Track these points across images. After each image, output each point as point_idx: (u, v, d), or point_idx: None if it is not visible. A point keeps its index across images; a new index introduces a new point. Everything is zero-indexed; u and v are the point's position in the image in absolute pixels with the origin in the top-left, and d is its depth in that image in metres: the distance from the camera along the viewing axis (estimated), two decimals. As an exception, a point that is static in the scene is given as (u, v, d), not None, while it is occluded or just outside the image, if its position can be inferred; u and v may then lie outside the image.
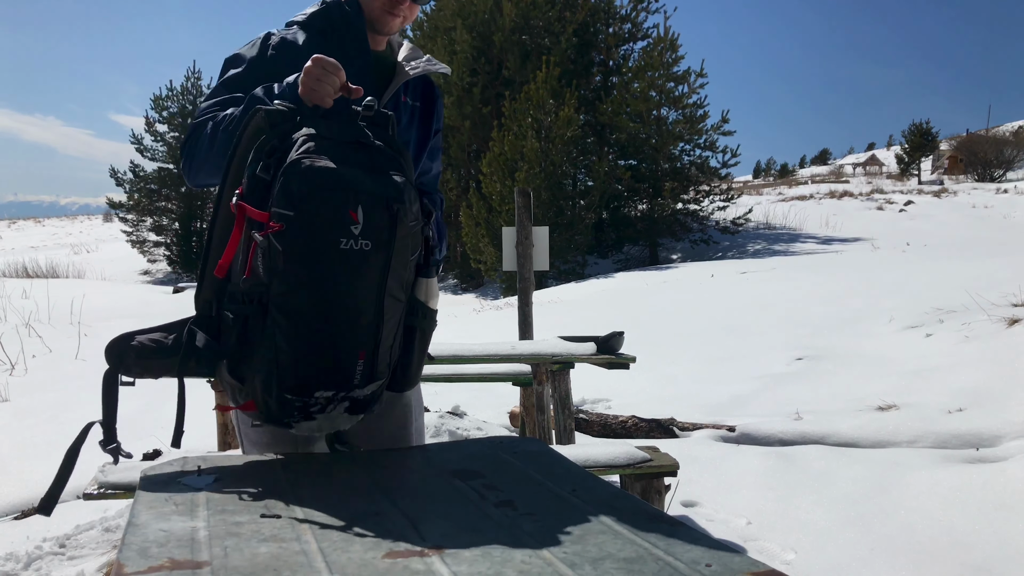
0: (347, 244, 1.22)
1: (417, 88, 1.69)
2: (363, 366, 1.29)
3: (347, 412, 1.33)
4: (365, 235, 1.23)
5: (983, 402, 4.14)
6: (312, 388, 1.27)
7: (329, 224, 1.21)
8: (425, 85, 1.72)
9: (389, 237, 1.25)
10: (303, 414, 1.29)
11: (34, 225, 51.36)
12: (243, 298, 1.29)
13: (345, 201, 1.22)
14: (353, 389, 1.30)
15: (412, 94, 1.68)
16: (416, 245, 1.35)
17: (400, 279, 1.31)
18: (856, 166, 67.41)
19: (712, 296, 10.35)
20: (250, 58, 1.56)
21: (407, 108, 1.66)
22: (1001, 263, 9.17)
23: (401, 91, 1.64)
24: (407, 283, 1.36)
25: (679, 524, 1.02)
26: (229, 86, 1.55)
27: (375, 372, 1.31)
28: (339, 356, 1.27)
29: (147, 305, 11.77)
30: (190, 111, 28.90)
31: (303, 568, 0.86)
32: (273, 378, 1.26)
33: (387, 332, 1.32)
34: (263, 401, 1.29)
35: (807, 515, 3.00)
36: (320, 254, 1.22)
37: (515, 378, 3.93)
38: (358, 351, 1.28)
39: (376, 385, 1.34)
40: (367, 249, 1.24)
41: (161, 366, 1.34)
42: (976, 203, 25.35)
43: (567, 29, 21.90)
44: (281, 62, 1.52)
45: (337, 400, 1.30)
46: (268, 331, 1.27)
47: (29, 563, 2.75)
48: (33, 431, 4.59)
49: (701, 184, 22.70)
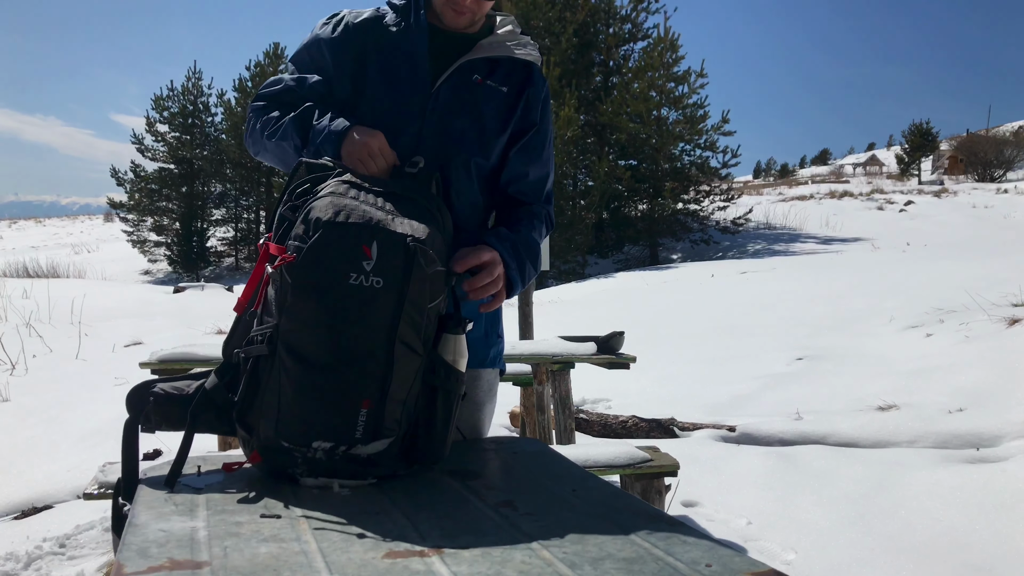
0: (357, 279, 1.17)
1: (510, 73, 1.56)
2: (366, 417, 1.19)
3: (348, 474, 1.22)
4: (377, 272, 1.18)
5: (983, 402, 4.14)
6: (310, 436, 1.18)
7: (340, 256, 1.17)
8: (520, 71, 1.58)
9: (403, 278, 1.19)
10: (306, 468, 1.20)
11: (35, 225, 51.34)
12: (254, 339, 1.25)
13: (359, 235, 1.18)
14: (355, 444, 1.19)
15: (498, 78, 1.55)
16: (437, 293, 1.26)
17: (416, 327, 1.22)
18: (856, 166, 67.39)
19: (712, 296, 10.34)
20: (318, 39, 1.56)
21: (486, 90, 1.53)
22: (1001, 263, 9.16)
23: (480, 71, 1.53)
24: (426, 335, 1.26)
25: (679, 524, 1.02)
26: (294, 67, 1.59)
27: (381, 427, 1.21)
28: (340, 401, 1.18)
29: (148, 305, 11.75)
30: (191, 111, 28.92)
31: (303, 568, 0.85)
32: (273, 423, 1.20)
33: (398, 384, 1.21)
34: (264, 449, 1.22)
35: (807, 515, 3.00)
36: (328, 287, 1.17)
37: (515, 378, 3.93)
38: (362, 398, 1.18)
39: (381, 444, 1.22)
40: (378, 287, 1.17)
41: (180, 416, 1.27)
42: (976, 203, 25.33)
43: (567, 29, 21.89)
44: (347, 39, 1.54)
45: (336, 454, 1.19)
46: (275, 373, 1.21)
47: (29, 563, 2.74)
48: (33, 431, 4.59)
49: (701, 184, 22.70)
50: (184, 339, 7.63)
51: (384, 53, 1.52)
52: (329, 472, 1.21)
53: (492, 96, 1.54)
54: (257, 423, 1.23)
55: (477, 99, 1.52)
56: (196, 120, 29.16)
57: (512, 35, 1.58)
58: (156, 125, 28.38)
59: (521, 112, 1.57)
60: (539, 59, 1.59)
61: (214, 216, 29.76)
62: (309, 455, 1.19)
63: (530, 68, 1.59)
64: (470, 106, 1.52)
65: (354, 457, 1.21)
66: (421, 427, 1.28)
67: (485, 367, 1.62)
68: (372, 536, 0.97)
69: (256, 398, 1.24)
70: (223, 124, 29.43)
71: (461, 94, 1.51)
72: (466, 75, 1.52)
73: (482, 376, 1.61)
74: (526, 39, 1.60)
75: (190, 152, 28.59)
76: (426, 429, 1.28)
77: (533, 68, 1.59)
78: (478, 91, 1.53)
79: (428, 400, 1.28)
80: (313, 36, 1.57)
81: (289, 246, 1.21)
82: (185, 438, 1.24)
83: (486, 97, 1.54)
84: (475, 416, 1.61)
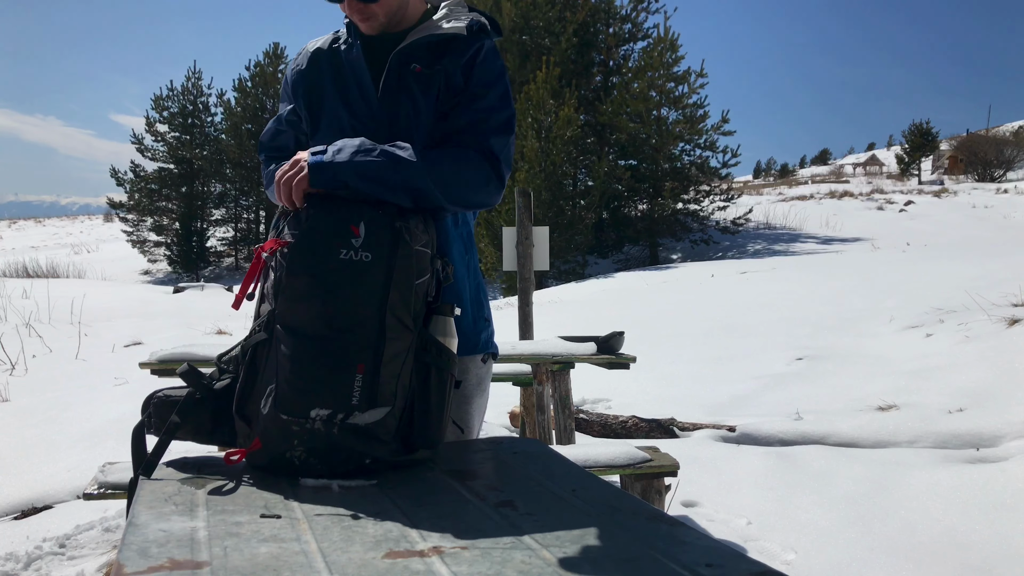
0: (347, 255, 1.26)
1: (447, 51, 1.51)
2: (362, 382, 1.24)
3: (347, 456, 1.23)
4: (366, 247, 1.27)
5: (983, 402, 4.14)
6: (309, 404, 1.22)
7: (330, 235, 1.27)
8: (455, 43, 1.51)
9: (391, 252, 1.28)
10: (305, 448, 1.22)
11: (34, 225, 51.35)
12: (253, 331, 1.33)
13: (347, 218, 1.29)
14: (352, 411, 1.23)
15: (436, 61, 1.50)
16: (423, 271, 1.33)
17: (405, 300, 1.29)
18: (856, 166, 67.41)
19: (712, 296, 10.34)
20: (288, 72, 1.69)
21: (420, 78, 1.50)
22: (1001, 263, 9.16)
23: (420, 60, 1.50)
24: (416, 312, 1.32)
25: (679, 524, 1.02)
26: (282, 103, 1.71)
27: (376, 395, 1.24)
28: (335, 365, 1.23)
29: (147, 305, 11.76)
30: (191, 111, 28.94)
31: (303, 568, 0.85)
32: (272, 399, 1.24)
33: (391, 354, 1.27)
34: (264, 430, 1.25)
35: (807, 515, 3.00)
36: (320, 262, 1.27)
37: (515, 378, 3.93)
38: (356, 363, 1.24)
39: (379, 413, 1.25)
40: (367, 260, 1.27)
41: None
42: (976, 203, 25.35)
43: (567, 29, 21.90)
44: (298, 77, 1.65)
45: (334, 423, 1.22)
46: (272, 354, 1.28)
47: (29, 563, 2.74)
48: (33, 431, 4.58)
49: (701, 184, 22.71)
50: (184, 339, 7.64)
51: (337, 73, 1.59)
52: (328, 448, 1.23)
53: (428, 81, 1.50)
54: (255, 409, 1.28)
55: (413, 90, 1.51)
56: (196, 120, 29.18)
57: (450, 13, 1.55)
58: (156, 125, 28.42)
59: (444, 85, 1.51)
60: (468, 25, 1.50)
61: (214, 216, 29.79)
62: (308, 426, 1.22)
63: (456, 38, 1.50)
64: (408, 99, 1.51)
65: (353, 428, 1.23)
66: (417, 408, 1.32)
67: (478, 352, 1.64)
68: (372, 536, 0.97)
69: (255, 385, 1.30)
70: (223, 124, 29.44)
71: (399, 92, 1.52)
72: (404, 69, 1.51)
73: (470, 369, 1.62)
74: (462, 11, 1.55)
75: (190, 152, 28.61)
76: (422, 410, 1.33)
77: (458, 36, 1.50)
78: (414, 81, 1.51)
79: (422, 379, 1.33)
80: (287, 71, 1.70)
81: (284, 234, 1.32)
82: (164, 434, 1.27)
83: (423, 85, 1.51)
84: (462, 408, 1.61)
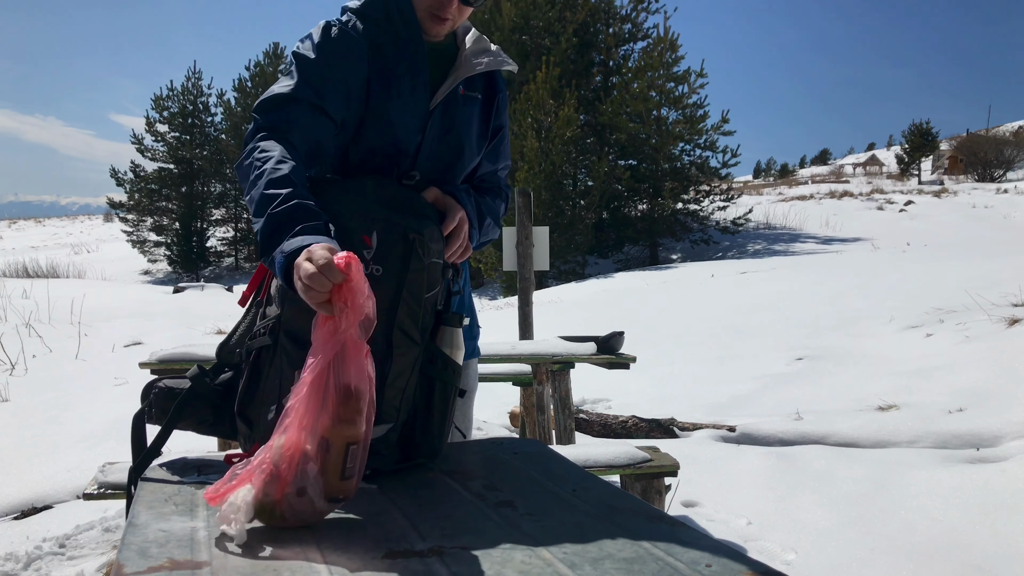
0: None
1: (478, 80, 1.60)
2: None
3: None
4: (377, 260, 1.22)
5: (983, 402, 4.14)
6: None
7: (341, 244, 1.15)
8: (487, 77, 1.63)
9: (402, 268, 1.23)
10: None
11: (34, 225, 51.35)
12: (257, 332, 1.28)
13: (359, 226, 1.23)
14: None
15: (471, 86, 1.58)
16: (434, 284, 1.30)
17: (413, 316, 1.26)
18: (856, 166, 67.41)
19: (712, 296, 10.34)
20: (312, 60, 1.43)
21: (467, 100, 1.57)
22: (1001, 263, 9.16)
23: (463, 83, 1.56)
24: (424, 326, 1.29)
25: (679, 524, 1.02)
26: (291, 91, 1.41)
27: (380, 412, 1.21)
28: None
29: (147, 305, 11.75)
30: (191, 111, 28.93)
31: (303, 568, 0.85)
32: (275, 407, 1.21)
33: (396, 371, 1.24)
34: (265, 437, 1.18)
35: (807, 515, 3.00)
36: None
37: (515, 378, 3.93)
38: None
39: (380, 430, 1.23)
40: (377, 275, 1.22)
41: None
42: (976, 203, 25.34)
43: (567, 29, 21.89)
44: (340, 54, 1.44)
45: None
46: (276, 361, 1.24)
47: (29, 563, 2.74)
48: (33, 431, 4.58)
49: (701, 184, 22.70)
50: (184, 339, 7.63)
51: (384, 64, 1.47)
52: None
53: (473, 105, 1.59)
54: (258, 414, 1.25)
55: (463, 111, 1.56)
56: (196, 120, 29.17)
57: (481, 41, 1.62)
58: (156, 125, 28.41)
59: (494, 117, 1.65)
60: (514, 66, 1.65)
61: (214, 216, 29.78)
62: None
63: (495, 73, 1.65)
64: (459, 119, 1.55)
65: None
66: (419, 419, 1.30)
67: (474, 356, 1.71)
68: (372, 536, 0.97)
69: (257, 390, 1.26)
70: (223, 124, 29.45)
71: (451, 108, 1.54)
72: (454, 89, 1.55)
73: (468, 374, 1.66)
74: (495, 45, 1.65)
75: (190, 152, 28.60)
76: (424, 421, 1.30)
77: (496, 72, 1.65)
78: (462, 103, 1.57)
79: (426, 392, 1.31)
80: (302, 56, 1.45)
81: None
82: (163, 428, 1.26)
83: (469, 108, 1.58)
84: (460, 412, 1.66)
